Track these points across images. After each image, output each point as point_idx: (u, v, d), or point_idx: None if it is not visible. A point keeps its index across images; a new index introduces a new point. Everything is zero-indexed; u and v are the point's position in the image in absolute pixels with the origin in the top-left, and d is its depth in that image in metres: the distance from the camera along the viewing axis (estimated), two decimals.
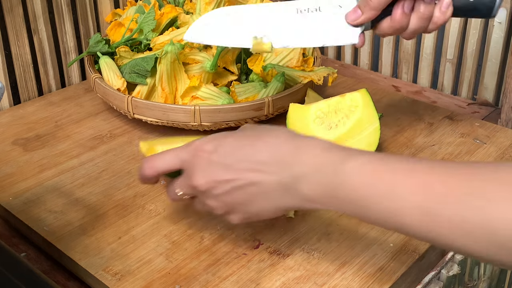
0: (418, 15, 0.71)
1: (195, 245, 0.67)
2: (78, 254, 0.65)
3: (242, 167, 0.58)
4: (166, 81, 0.85)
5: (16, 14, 0.94)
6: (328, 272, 0.63)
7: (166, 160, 0.63)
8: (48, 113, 0.94)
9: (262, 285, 0.62)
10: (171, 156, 0.62)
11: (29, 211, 0.72)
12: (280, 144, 0.58)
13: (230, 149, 0.59)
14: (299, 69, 0.91)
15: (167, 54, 0.83)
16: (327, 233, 0.69)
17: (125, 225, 0.70)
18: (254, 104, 0.84)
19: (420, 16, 0.71)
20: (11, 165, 0.81)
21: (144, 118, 0.85)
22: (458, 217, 0.47)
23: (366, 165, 0.53)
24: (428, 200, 0.49)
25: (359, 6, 0.72)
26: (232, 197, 0.59)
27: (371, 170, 0.52)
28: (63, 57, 1.03)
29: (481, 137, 0.87)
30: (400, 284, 0.64)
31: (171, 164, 0.62)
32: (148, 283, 0.62)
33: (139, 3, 0.98)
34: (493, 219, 0.45)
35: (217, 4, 0.92)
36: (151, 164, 0.63)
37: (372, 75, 1.12)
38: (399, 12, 0.70)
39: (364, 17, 0.71)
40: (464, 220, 0.47)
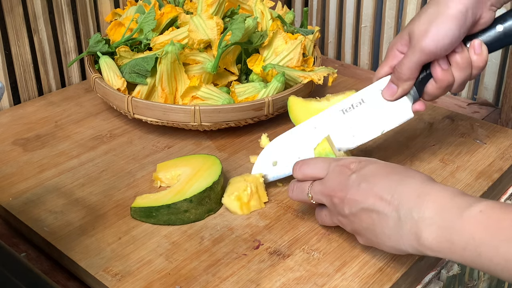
0: (458, 67, 0.69)
1: (195, 246, 0.67)
2: (78, 254, 0.65)
3: (372, 193, 0.60)
4: (166, 81, 0.85)
5: (16, 14, 0.94)
6: (328, 273, 0.63)
7: (317, 166, 0.66)
8: (48, 113, 0.94)
9: (262, 285, 0.62)
10: (322, 164, 0.66)
11: (29, 212, 0.72)
12: (409, 181, 0.59)
13: (370, 174, 0.61)
14: (299, 69, 0.91)
15: (167, 54, 0.83)
16: (327, 234, 0.69)
17: (125, 225, 0.70)
18: (254, 104, 0.84)
19: (460, 67, 0.69)
20: (11, 165, 0.81)
21: (144, 118, 0.85)
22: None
23: (486, 211, 0.53)
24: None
25: (392, 81, 0.71)
26: (358, 218, 0.61)
27: (490, 217, 0.52)
28: (63, 57, 1.03)
29: (481, 137, 0.87)
30: (400, 285, 0.64)
31: (319, 171, 0.65)
32: (148, 284, 0.62)
33: (139, 3, 0.97)
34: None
35: (218, 6, 0.92)
36: (301, 168, 0.67)
37: (372, 75, 1.12)
38: (439, 71, 0.69)
39: (400, 90, 0.71)
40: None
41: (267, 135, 0.85)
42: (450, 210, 0.54)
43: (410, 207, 0.57)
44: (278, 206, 0.73)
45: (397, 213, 0.57)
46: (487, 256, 0.51)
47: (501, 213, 0.52)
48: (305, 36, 0.95)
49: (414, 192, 0.57)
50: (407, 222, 0.57)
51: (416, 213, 0.56)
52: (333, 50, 1.22)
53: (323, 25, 1.22)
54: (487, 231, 0.52)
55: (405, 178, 0.60)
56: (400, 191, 0.58)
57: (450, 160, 0.82)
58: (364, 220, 0.60)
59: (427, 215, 0.55)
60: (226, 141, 0.86)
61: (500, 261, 0.51)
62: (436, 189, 0.57)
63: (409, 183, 0.59)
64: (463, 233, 0.53)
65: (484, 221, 0.52)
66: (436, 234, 0.54)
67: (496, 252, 0.51)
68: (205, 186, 0.70)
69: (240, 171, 0.80)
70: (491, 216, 0.52)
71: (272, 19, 0.94)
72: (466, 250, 0.53)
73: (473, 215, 0.53)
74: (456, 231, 0.53)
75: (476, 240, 0.52)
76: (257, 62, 0.90)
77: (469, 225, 0.53)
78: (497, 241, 0.51)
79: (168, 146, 0.85)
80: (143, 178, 0.78)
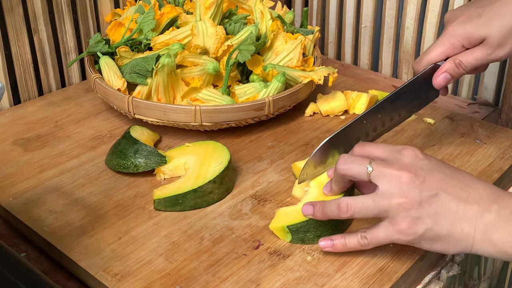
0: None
1: (195, 246, 0.67)
2: (78, 254, 0.65)
3: (450, 182, 0.60)
4: (162, 91, 0.85)
5: (16, 14, 0.94)
6: (328, 273, 0.63)
7: (379, 148, 0.64)
8: (48, 113, 0.94)
9: (262, 285, 0.62)
10: (385, 148, 0.64)
11: (29, 212, 0.72)
12: (486, 183, 0.61)
13: (441, 165, 0.62)
14: (300, 69, 0.91)
15: (163, 67, 0.83)
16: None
17: (125, 225, 0.70)
18: (255, 104, 0.84)
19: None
20: (11, 165, 0.81)
21: (145, 118, 0.85)
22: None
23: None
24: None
25: (449, 71, 0.73)
26: (431, 202, 0.59)
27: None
28: (63, 57, 1.03)
29: (481, 137, 0.87)
30: (400, 285, 0.64)
31: (381, 153, 0.63)
32: (148, 284, 0.62)
33: (139, 3, 0.97)
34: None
35: (217, 7, 0.92)
36: (365, 147, 0.65)
37: (372, 75, 1.12)
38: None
39: (453, 80, 0.74)
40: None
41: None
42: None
43: (491, 202, 0.58)
44: (278, 206, 0.73)
45: (477, 207, 0.58)
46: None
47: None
48: (305, 36, 0.95)
49: (493, 192, 0.59)
50: (486, 216, 0.58)
51: (497, 209, 0.58)
52: (333, 50, 1.22)
53: (323, 25, 1.22)
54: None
55: (478, 179, 0.61)
56: (478, 187, 0.60)
57: (450, 160, 0.82)
58: (438, 205, 0.59)
59: (507, 213, 0.57)
60: (227, 141, 0.86)
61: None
62: (511, 194, 0.60)
63: (486, 184, 0.61)
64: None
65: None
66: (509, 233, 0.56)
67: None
68: (223, 166, 0.73)
69: (240, 171, 0.80)
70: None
71: (272, 19, 0.94)
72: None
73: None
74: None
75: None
76: (257, 62, 0.90)
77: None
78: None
79: (168, 146, 0.85)
80: (143, 178, 0.78)
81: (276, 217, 0.69)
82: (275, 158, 0.83)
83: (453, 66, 0.73)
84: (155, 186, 0.76)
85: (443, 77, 0.74)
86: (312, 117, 0.93)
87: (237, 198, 0.75)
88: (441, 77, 0.74)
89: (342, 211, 0.62)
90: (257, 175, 0.79)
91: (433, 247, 0.60)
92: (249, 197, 0.75)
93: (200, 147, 0.79)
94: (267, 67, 0.89)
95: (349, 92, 0.95)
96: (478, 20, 0.72)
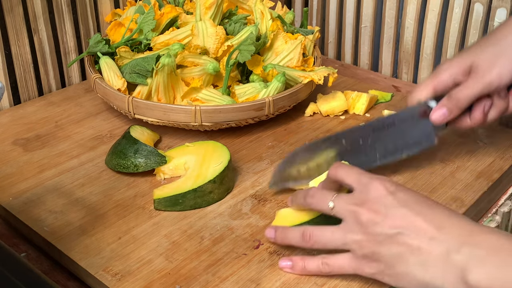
0: (497, 110, 0.73)
1: (195, 245, 0.67)
2: (78, 254, 0.65)
3: (415, 220, 0.56)
4: (162, 91, 0.85)
5: (16, 14, 0.94)
6: None
7: (350, 174, 0.62)
8: (48, 113, 0.94)
9: (262, 285, 0.62)
10: (356, 175, 0.62)
11: (29, 211, 0.72)
12: (458, 218, 0.57)
13: (411, 200, 0.58)
14: (300, 69, 0.91)
15: (164, 67, 0.83)
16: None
17: (125, 225, 0.70)
18: (255, 104, 0.84)
19: (498, 110, 0.73)
20: (11, 165, 0.81)
21: (145, 118, 0.85)
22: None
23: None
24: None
25: (444, 105, 0.72)
26: (390, 242, 0.56)
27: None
28: (63, 57, 1.03)
29: (481, 137, 0.87)
30: None
31: (352, 180, 0.61)
32: (148, 283, 0.62)
33: (139, 3, 0.97)
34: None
35: (217, 8, 0.92)
36: (338, 169, 0.63)
37: (372, 75, 1.12)
38: (480, 111, 0.72)
39: (451, 116, 0.72)
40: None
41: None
42: (508, 250, 0.53)
43: (461, 243, 0.54)
44: (278, 206, 0.73)
45: (445, 246, 0.54)
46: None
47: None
48: (305, 36, 0.95)
49: (466, 229, 0.55)
50: (455, 257, 0.54)
51: (468, 250, 0.54)
52: (333, 50, 1.22)
53: (323, 25, 1.22)
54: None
55: (450, 215, 0.57)
56: (450, 225, 0.56)
57: (450, 160, 0.82)
58: (399, 244, 0.56)
59: (482, 253, 0.53)
60: (227, 141, 0.86)
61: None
62: (487, 229, 0.56)
63: (459, 219, 0.57)
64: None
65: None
66: (489, 273, 0.52)
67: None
68: (223, 166, 0.74)
69: (240, 171, 0.80)
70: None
71: (272, 19, 0.94)
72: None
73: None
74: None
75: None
76: (257, 62, 0.90)
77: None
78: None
79: (168, 146, 0.85)
80: (143, 178, 0.78)
81: (276, 218, 0.69)
82: (275, 158, 0.83)
83: (449, 100, 0.72)
84: (155, 186, 0.76)
85: (439, 112, 0.72)
86: (312, 117, 0.93)
87: (237, 198, 0.75)
88: (437, 112, 0.72)
89: (305, 240, 0.62)
90: (257, 175, 0.79)
91: (399, 285, 0.58)
92: (249, 197, 0.75)
93: (200, 147, 0.79)
94: (267, 67, 0.89)
95: (349, 92, 0.95)
96: (466, 51, 0.72)
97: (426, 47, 1.07)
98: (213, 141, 0.79)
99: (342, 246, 0.60)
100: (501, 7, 0.95)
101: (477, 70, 0.70)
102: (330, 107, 0.92)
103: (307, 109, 0.94)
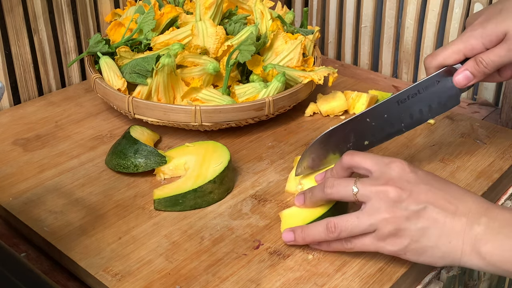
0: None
1: (195, 246, 0.67)
2: (78, 254, 0.65)
3: (438, 195, 0.59)
4: (162, 91, 0.85)
5: (16, 14, 0.94)
6: (328, 273, 0.63)
7: (367, 159, 0.64)
8: (48, 113, 0.94)
9: (262, 285, 0.62)
10: (372, 159, 0.63)
11: (29, 212, 0.72)
12: (474, 195, 0.60)
13: (430, 177, 0.61)
14: (300, 69, 0.91)
15: (164, 67, 0.83)
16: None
17: (125, 225, 0.70)
18: (255, 104, 0.84)
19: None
20: (11, 165, 0.81)
21: (145, 118, 0.85)
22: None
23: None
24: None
25: (469, 69, 0.70)
26: (418, 216, 0.59)
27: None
28: (63, 57, 1.03)
29: (481, 137, 0.87)
30: (400, 284, 0.64)
31: (369, 165, 0.63)
32: (148, 284, 0.62)
33: (139, 3, 0.97)
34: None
35: (216, 7, 0.92)
36: (353, 156, 0.65)
37: (372, 75, 1.12)
38: (509, 71, 0.72)
39: (475, 80, 0.71)
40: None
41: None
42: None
43: (480, 215, 0.58)
44: (278, 206, 0.73)
45: (466, 219, 0.58)
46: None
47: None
48: (305, 36, 0.95)
49: (482, 204, 0.59)
50: (476, 228, 0.57)
51: (486, 221, 0.57)
52: (333, 50, 1.22)
53: (323, 25, 1.22)
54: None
55: (466, 192, 0.61)
56: (467, 200, 0.59)
57: (450, 160, 0.82)
58: (425, 218, 0.58)
59: (496, 225, 0.57)
60: (227, 141, 0.86)
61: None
62: (501, 207, 0.59)
63: (474, 196, 0.60)
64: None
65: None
66: (501, 244, 0.56)
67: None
68: (223, 166, 0.74)
69: (240, 171, 0.80)
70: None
71: (272, 19, 0.94)
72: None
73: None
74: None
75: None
76: (257, 62, 0.90)
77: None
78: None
79: (168, 146, 0.85)
80: (143, 178, 0.78)
81: (284, 220, 0.69)
82: (275, 158, 0.83)
83: (474, 64, 0.69)
84: (155, 186, 0.76)
85: (463, 75, 0.70)
86: (312, 117, 0.93)
87: (237, 198, 0.75)
88: (461, 75, 0.70)
89: (330, 231, 0.62)
90: (257, 175, 0.79)
91: (420, 259, 0.60)
92: (249, 197, 0.75)
93: (200, 147, 0.79)
94: (267, 67, 0.89)
95: (349, 92, 0.95)
96: (498, 16, 0.68)
97: (426, 47, 1.07)
98: (213, 141, 0.79)
99: (369, 228, 0.60)
100: None
101: (511, 38, 0.66)
102: (330, 107, 0.92)
103: (307, 109, 0.94)
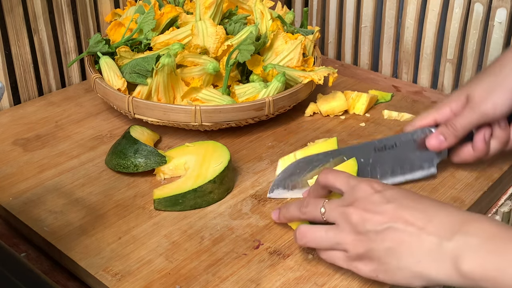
0: (498, 140, 0.74)
1: (195, 245, 0.67)
2: (78, 254, 0.65)
3: (403, 214, 0.57)
4: (162, 91, 0.85)
5: (16, 14, 0.94)
6: (328, 273, 0.63)
7: (339, 178, 0.64)
8: (48, 113, 0.94)
9: (262, 285, 0.62)
10: (344, 178, 0.63)
11: (29, 212, 0.72)
12: (449, 209, 0.57)
13: (398, 196, 0.59)
14: (300, 69, 0.91)
15: (164, 67, 0.83)
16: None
17: (125, 225, 0.70)
18: (255, 104, 0.84)
19: (500, 141, 0.74)
20: (11, 165, 0.81)
21: (145, 118, 0.85)
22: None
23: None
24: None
25: (441, 133, 0.74)
26: (382, 237, 0.57)
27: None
28: (63, 57, 1.03)
29: None
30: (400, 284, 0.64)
31: (340, 184, 0.63)
32: (148, 284, 0.62)
33: (139, 3, 0.97)
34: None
35: (216, 7, 0.91)
36: (327, 175, 0.65)
37: (372, 75, 1.12)
38: (480, 140, 0.74)
39: (447, 144, 0.74)
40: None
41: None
42: (502, 238, 0.53)
43: (453, 232, 0.54)
44: (278, 206, 0.73)
45: (435, 236, 0.55)
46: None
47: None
48: (305, 36, 0.95)
49: (458, 218, 0.56)
50: (448, 246, 0.54)
51: (461, 238, 0.54)
52: (333, 50, 1.22)
53: (323, 25, 1.22)
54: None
55: (441, 205, 0.58)
56: (440, 216, 0.56)
57: (450, 160, 0.81)
58: (390, 239, 0.57)
59: (475, 241, 0.53)
60: (227, 141, 0.86)
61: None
62: (479, 217, 0.56)
63: (449, 210, 0.57)
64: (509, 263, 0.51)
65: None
66: (483, 260, 0.52)
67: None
68: (223, 166, 0.74)
69: (240, 171, 0.80)
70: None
71: (272, 19, 0.94)
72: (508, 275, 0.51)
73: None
74: (508, 259, 0.51)
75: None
76: (257, 62, 0.90)
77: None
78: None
79: (168, 146, 0.85)
80: (143, 178, 0.78)
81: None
82: (275, 158, 0.83)
83: (445, 127, 0.74)
84: (155, 186, 0.76)
85: (436, 138, 0.74)
86: (312, 117, 0.93)
87: (237, 198, 0.75)
88: (434, 137, 0.74)
89: (298, 238, 0.63)
90: (257, 175, 0.79)
91: (394, 280, 0.58)
92: (249, 197, 0.75)
93: (200, 147, 0.79)
94: (267, 67, 0.89)
95: (349, 92, 0.95)
96: (464, 86, 0.75)
97: (426, 47, 1.07)
98: (213, 141, 0.79)
99: (335, 245, 0.60)
100: (501, 7, 0.95)
101: (473, 100, 0.72)
102: (330, 107, 0.92)
103: (307, 109, 0.94)
